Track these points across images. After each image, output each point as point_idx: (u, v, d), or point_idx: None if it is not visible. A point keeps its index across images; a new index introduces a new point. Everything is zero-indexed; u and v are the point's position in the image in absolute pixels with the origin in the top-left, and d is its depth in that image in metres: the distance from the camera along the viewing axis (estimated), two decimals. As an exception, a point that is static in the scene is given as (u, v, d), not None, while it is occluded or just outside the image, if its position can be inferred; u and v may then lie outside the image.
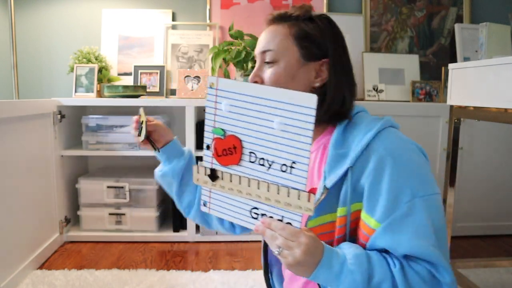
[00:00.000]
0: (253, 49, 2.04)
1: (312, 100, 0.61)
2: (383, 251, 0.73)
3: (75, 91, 2.21)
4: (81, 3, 2.41)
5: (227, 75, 2.16)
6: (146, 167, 2.37)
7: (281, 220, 0.67)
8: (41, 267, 1.81)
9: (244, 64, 2.05)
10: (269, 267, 0.95)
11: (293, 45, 0.83)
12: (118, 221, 2.13)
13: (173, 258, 1.91)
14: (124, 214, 2.12)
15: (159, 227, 2.16)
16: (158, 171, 1.05)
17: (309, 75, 0.83)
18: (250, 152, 0.68)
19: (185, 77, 2.24)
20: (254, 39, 2.07)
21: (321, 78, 0.83)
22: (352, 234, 0.76)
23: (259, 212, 0.69)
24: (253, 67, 2.03)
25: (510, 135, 2.18)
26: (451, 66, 1.63)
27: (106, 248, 2.03)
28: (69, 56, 2.28)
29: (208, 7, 2.41)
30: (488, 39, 1.62)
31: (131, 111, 2.26)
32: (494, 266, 1.81)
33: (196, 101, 2.05)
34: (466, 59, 2.14)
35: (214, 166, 0.71)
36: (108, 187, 2.09)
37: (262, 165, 0.67)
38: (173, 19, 2.43)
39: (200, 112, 2.37)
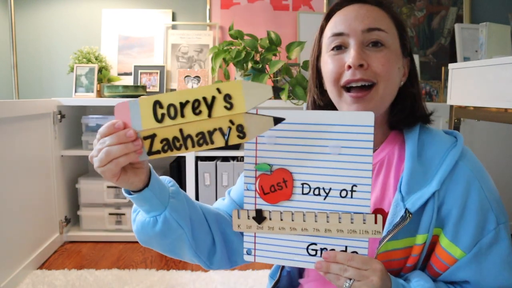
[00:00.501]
0: (253, 49, 2.04)
1: (369, 118, 0.58)
2: (452, 283, 0.68)
3: (75, 91, 2.21)
4: (81, 3, 2.41)
5: (227, 75, 2.16)
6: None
7: (344, 251, 0.61)
8: (41, 267, 1.81)
9: (244, 64, 2.05)
10: None
11: (396, 31, 0.72)
12: (118, 221, 2.13)
13: (172, 259, 1.91)
14: (124, 214, 2.12)
15: (159, 227, 2.16)
16: (147, 229, 0.67)
17: (401, 72, 0.73)
18: (303, 184, 0.61)
19: (185, 77, 2.24)
20: (254, 39, 2.07)
21: (404, 77, 0.75)
22: (423, 261, 0.69)
23: (317, 247, 0.62)
24: (253, 67, 2.03)
25: (510, 135, 2.18)
26: (451, 66, 1.63)
27: (106, 248, 2.03)
28: (69, 56, 2.27)
29: (208, 7, 2.41)
30: (488, 39, 1.62)
31: (131, 111, 2.26)
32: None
33: (196, 101, 2.05)
34: (466, 59, 2.14)
35: (258, 207, 0.63)
36: (108, 187, 2.09)
37: (318, 194, 0.61)
38: (173, 19, 2.43)
39: (200, 112, 2.36)
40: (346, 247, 0.61)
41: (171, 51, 2.39)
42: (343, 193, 0.60)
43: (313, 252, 0.62)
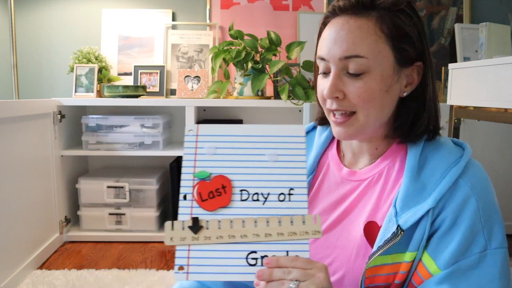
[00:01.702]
0: (253, 49, 2.04)
1: (301, 130, 0.64)
2: None
3: (75, 91, 2.21)
4: (81, 3, 2.41)
5: (227, 75, 2.16)
6: (146, 167, 2.37)
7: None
8: (41, 267, 1.81)
9: (244, 64, 2.05)
10: None
11: (387, 46, 0.64)
12: (118, 221, 2.13)
13: (173, 258, 1.90)
14: (124, 214, 2.12)
15: (159, 227, 2.16)
16: None
17: (401, 84, 0.67)
18: (241, 190, 0.62)
19: (185, 77, 2.24)
20: (254, 39, 2.07)
21: (410, 85, 0.68)
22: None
23: (258, 255, 0.59)
24: (253, 67, 2.03)
25: (510, 135, 2.18)
26: (451, 66, 1.63)
27: (106, 248, 2.03)
28: (69, 56, 2.27)
29: (208, 7, 2.41)
30: (488, 39, 1.62)
31: (131, 111, 2.26)
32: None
33: (196, 101, 2.05)
34: (466, 59, 2.14)
35: (195, 216, 0.61)
36: (108, 187, 2.09)
37: (257, 200, 0.62)
38: (173, 19, 2.43)
39: (200, 112, 2.37)
40: (287, 252, 0.60)
41: (171, 51, 2.39)
42: (281, 197, 0.61)
43: (253, 262, 0.59)
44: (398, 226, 0.62)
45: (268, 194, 0.62)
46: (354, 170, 0.74)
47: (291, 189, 0.62)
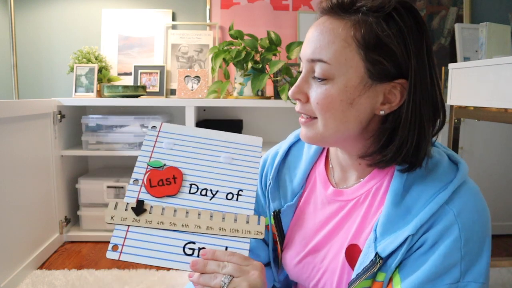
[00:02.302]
0: (253, 49, 2.04)
1: (258, 141, 0.69)
2: None
3: (75, 91, 2.21)
4: (81, 3, 2.41)
5: (227, 75, 2.16)
6: (146, 167, 2.37)
7: None
8: (41, 267, 1.81)
9: (244, 64, 2.05)
10: None
11: (356, 55, 0.57)
12: (118, 221, 2.13)
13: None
14: (124, 214, 2.11)
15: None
16: None
17: (374, 100, 0.60)
18: (191, 184, 0.63)
19: (185, 77, 2.24)
20: (254, 39, 2.07)
21: (390, 104, 0.60)
22: None
23: (195, 246, 0.58)
24: (253, 67, 2.03)
25: (510, 135, 2.18)
26: (451, 66, 1.63)
27: (106, 248, 2.03)
28: (69, 56, 2.27)
29: (208, 7, 2.41)
30: (488, 39, 1.62)
31: (131, 111, 2.26)
32: (495, 266, 1.81)
33: (196, 101, 2.05)
34: (466, 59, 2.14)
35: (141, 200, 0.62)
36: (108, 187, 2.09)
37: (205, 195, 0.62)
38: (173, 19, 2.43)
39: (200, 112, 2.37)
40: (226, 247, 0.59)
41: (171, 51, 2.39)
42: (229, 196, 0.63)
43: (189, 252, 0.58)
44: (377, 253, 0.59)
45: (217, 191, 0.63)
46: (341, 189, 0.70)
47: (240, 190, 0.64)
